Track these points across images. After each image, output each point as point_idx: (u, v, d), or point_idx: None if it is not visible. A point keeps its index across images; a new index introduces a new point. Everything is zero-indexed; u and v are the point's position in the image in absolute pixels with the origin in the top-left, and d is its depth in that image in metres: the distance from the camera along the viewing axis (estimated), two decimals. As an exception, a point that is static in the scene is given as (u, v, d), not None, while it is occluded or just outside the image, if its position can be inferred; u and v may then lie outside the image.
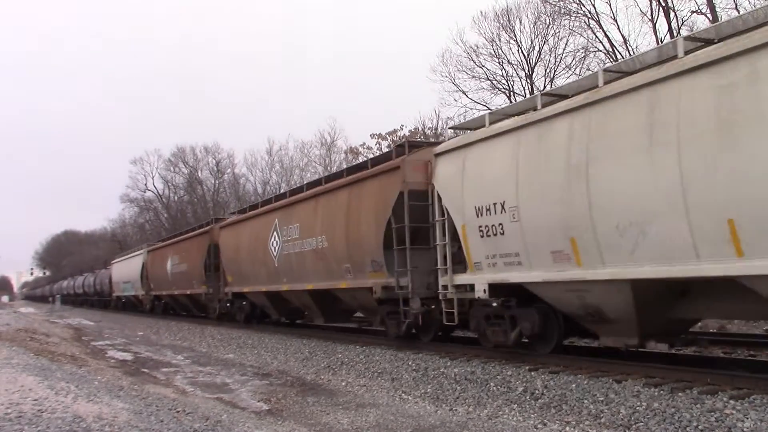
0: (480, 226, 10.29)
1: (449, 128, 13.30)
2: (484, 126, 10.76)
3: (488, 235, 10.16)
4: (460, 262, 11.16)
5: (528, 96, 31.90)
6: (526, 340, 10.50)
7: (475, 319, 11.00)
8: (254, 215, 19.78)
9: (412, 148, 12.80)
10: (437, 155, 11.70)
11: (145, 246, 36.66)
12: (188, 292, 26.63)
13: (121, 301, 42.30)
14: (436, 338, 12.74)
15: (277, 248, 17.37)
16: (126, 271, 38.88)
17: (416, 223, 11.95)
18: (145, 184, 67.70)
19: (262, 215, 18.96)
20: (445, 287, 11.41)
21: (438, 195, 11.52)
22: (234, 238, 21.25)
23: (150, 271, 33.06)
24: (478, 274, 10.56)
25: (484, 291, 10.41)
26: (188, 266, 26.23)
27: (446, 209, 11.26)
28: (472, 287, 10.76)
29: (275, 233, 17.52)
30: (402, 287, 12.15)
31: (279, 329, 19.64)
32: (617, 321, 8.73)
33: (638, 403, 7.18)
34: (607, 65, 12.10)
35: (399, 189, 12.06)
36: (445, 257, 11.46)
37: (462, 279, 11.06)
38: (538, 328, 9.90)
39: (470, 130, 11.50)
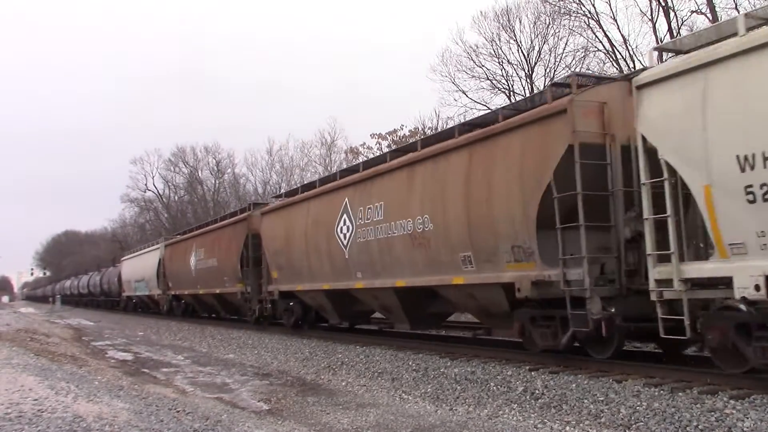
0: (748, 186, 6.89)
1: (654, 49, 9.34)
2: (735, 34, 7.35)
3: (766, 200, 6.78)
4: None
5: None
6: None
7: (719, 332, 7.46)
8: (312, 196, 16.13)
9: (581, 85, 9.21)
10: (643, 86, 8.18)
11: (162, 240, 33.37)
12: (217, 291, 22.88)
13: (131, 302, 39.22)
14: (617, 355, 9.25)
15: (348, 235, 13.97)
16: (139, 268, 35.63)
17: (593, 191, 8.65)
18: (146, 184, 67.68)
19: (325, 195, 15.42)
20: (664, 282, 7.91)
21: (646, 145, 8.15)
22: (282, 226, 17.55)
23: (168, 267, 29.72)
24: (740, 262, 7.08)
25: (757, 288, 6.89)
26: (219, 261, 22.71)
27: (667, 164, 7.78)
28: (722, 282, 7.38)
29: (345, 216, 14.13)
30: (571, 282, 8.82)
31: (279, 329, 19.64)
32: None
33: (638, 403, 7.18)
34: None
35: (566, 142, 8.74)
36: (657, 241, 8.05)
37: (705, 270, 7.56)
38: None
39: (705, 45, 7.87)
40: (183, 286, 27.65)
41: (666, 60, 9.19)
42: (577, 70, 30.95)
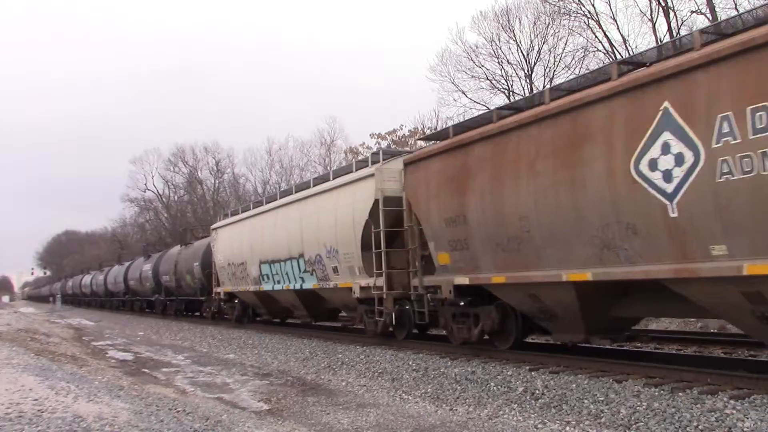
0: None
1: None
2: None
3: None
4: None
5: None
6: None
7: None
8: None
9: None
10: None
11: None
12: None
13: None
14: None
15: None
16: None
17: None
18: (145, 184, 67.63)
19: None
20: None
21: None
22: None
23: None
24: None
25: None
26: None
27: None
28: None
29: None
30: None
31: (278, 328, 19.63)
32: None
33: (638, 403, 7.18)
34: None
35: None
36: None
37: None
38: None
39: None
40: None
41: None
42: (577, 70, 30.98)
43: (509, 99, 34.68)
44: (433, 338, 14.04)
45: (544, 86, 33.09)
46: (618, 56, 29.16)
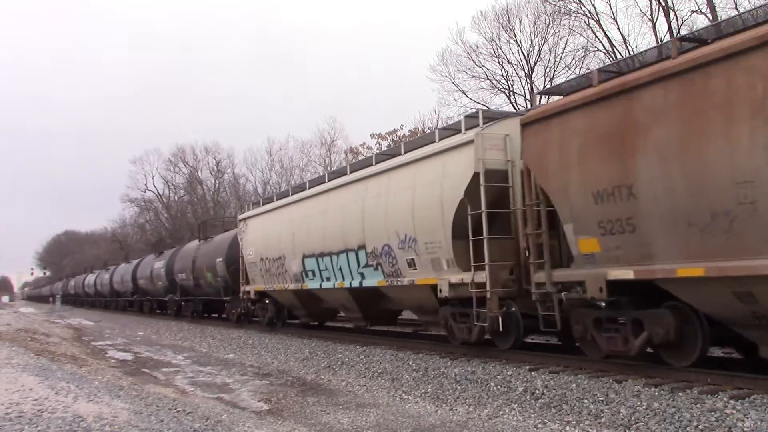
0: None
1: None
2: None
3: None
4: None
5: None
6: None
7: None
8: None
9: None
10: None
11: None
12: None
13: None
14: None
15: None
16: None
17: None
18: (145, 184, 67.62)
19: None
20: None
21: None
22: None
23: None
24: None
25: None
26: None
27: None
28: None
29: None
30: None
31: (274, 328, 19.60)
32: None
33: (638, 403, 7.18)
34: None
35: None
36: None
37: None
38: None
39: None
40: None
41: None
42: (577, 70, 31.00)
43: (509, 99, 34.75)
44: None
45: (544, 86, 33.08)
46: (618, 56, 29.20)
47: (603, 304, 8.61)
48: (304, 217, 15.93)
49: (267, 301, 19.34)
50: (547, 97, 10.78)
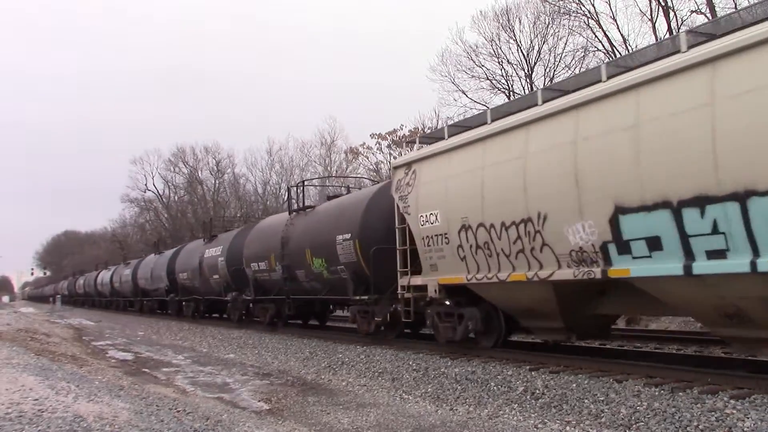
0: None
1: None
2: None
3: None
4: None
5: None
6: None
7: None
8: None
9: None
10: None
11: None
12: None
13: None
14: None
15: None
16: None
17: None
18: (145, 184, 67.67)
19: None
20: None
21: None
22: None
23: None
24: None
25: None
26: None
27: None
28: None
29: None
30: None
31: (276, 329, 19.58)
32: None
33: (639, 403, 7.18)
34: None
35: None
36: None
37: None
38: None
39: None
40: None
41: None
42: (577, 70, 31.00)
43: (510, 99, 34.69)
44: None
45: (544, 85, 33.10)
46: (618, 56, 29.20)
47: (447, 302, 11.32)
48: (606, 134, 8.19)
49: (448, 303, 11.66)
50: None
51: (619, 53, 28.75)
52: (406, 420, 7.88)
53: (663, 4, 27.39)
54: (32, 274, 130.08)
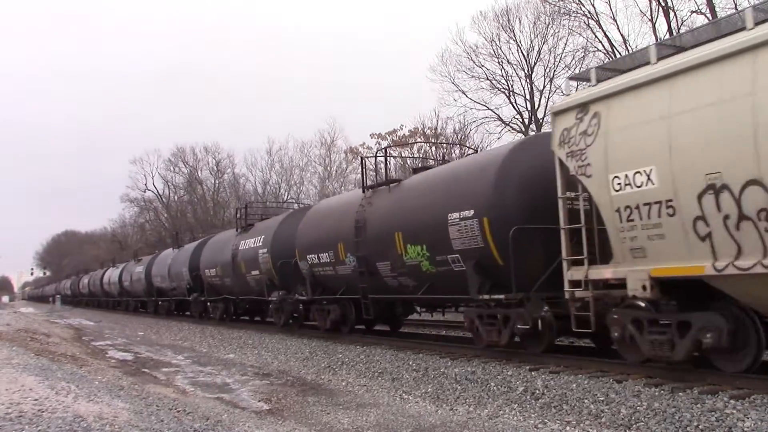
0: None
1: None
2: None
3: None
4: None
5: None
6: None
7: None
8: None
9: None
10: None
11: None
12: None
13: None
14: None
15: None
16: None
17: None
18: (145, 184, 67.67)
19: None
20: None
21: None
22: None
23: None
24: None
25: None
26: None
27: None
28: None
29: None
30: None
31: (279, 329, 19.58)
32: None
33: (639, 403, 7.18)
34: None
35: None
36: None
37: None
38: None
39: None
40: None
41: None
42: (577, 70, 31.00)
43: (509, 99, 34.75)
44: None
45: (544, 87, 33.10)
46: (618, 56, 29.20)
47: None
48: None
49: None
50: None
51: (619, 54, 28.76)
52: (406, 420, 7.88)
53: (663, 4, 27.39)
54: (32, 274, 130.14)
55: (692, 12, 26.62)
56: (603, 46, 30.28)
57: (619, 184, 8.09)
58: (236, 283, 21.30)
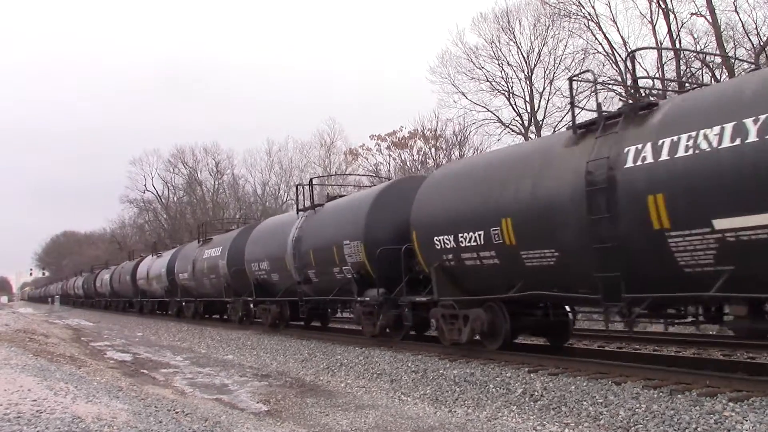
0: None
1: None
2: None
3: None
4: None
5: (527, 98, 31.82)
6: None
7: None
8: None
9: None
10: None
11: None
12: None
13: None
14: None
15: None
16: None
17: None
18: (144, 185, 67.65)
19: None
20: None
21: None
22: None
23: None
24: None
25: None
26: None
27: None
28: None
29: None
30: None
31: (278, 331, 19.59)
32: None
33: (637, 405, 7.18)
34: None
35: None
36: None
37: None
38: None
39: None
40: None
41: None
42: (577, 72, 31.01)
43: (509, 101, 34.79)
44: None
45: (544, 88, 33.16)
46: (618, 59, 29.22)
47: None
48: None
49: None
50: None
51: (619, 55, 28.80)
52: (404, 422, 7.87)
53: (663, 6, 27.43)
54: (31, 274, 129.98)
55: (692, 14, 26.68)
56: (603, 48, 30.35)
57: None
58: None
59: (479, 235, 10.26)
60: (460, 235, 10.66)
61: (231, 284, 21.56)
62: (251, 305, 20.58)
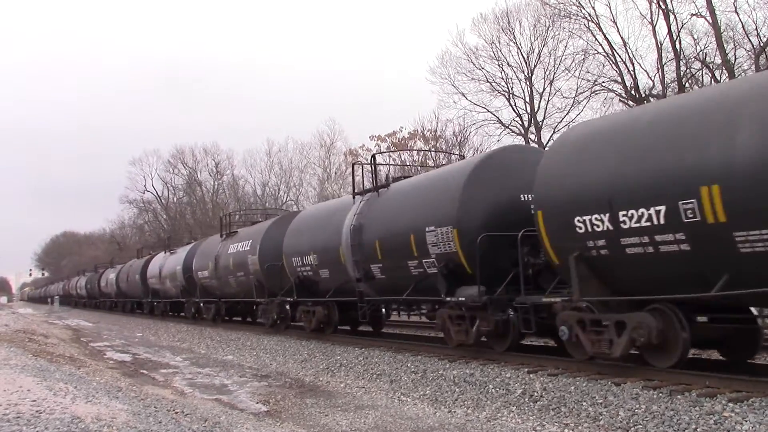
0: None
1: None
2: None
3: None
4: None
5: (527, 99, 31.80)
6: None
7: None
8: None
9: None
10: None
11: None
12: None
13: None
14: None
15: None
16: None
17: None
18: (144, 186, 67.75)
19: None
20: None
21: None
22: None
23: None
24: None
25: None
26: None
27: None
28: None
29: None
30: None
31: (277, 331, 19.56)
32: None
33: (637, 406, 7.18)
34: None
35: None
36: None
37: None
38: None
39: None
40: None
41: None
42: (577, 72, 31.05)
43: (509, 102, 34.82)
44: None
45: (543, 89, 33.14)
46: (618, 59, 29.26)
47: None
48: None
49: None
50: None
51: (619, 56, 28.84)
52: (404, 422, 7.87)
53: (663, 7, 27.45)
54: (30, 275, 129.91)
55: (692, 15, 26.70)
56: (603, 48, 30.37)
57: None
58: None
59: (657, 211, 7.64)
60: (621, 213, 8.04)
61: (263, 282, 18.59)
62: (287, 306, 17.85)
